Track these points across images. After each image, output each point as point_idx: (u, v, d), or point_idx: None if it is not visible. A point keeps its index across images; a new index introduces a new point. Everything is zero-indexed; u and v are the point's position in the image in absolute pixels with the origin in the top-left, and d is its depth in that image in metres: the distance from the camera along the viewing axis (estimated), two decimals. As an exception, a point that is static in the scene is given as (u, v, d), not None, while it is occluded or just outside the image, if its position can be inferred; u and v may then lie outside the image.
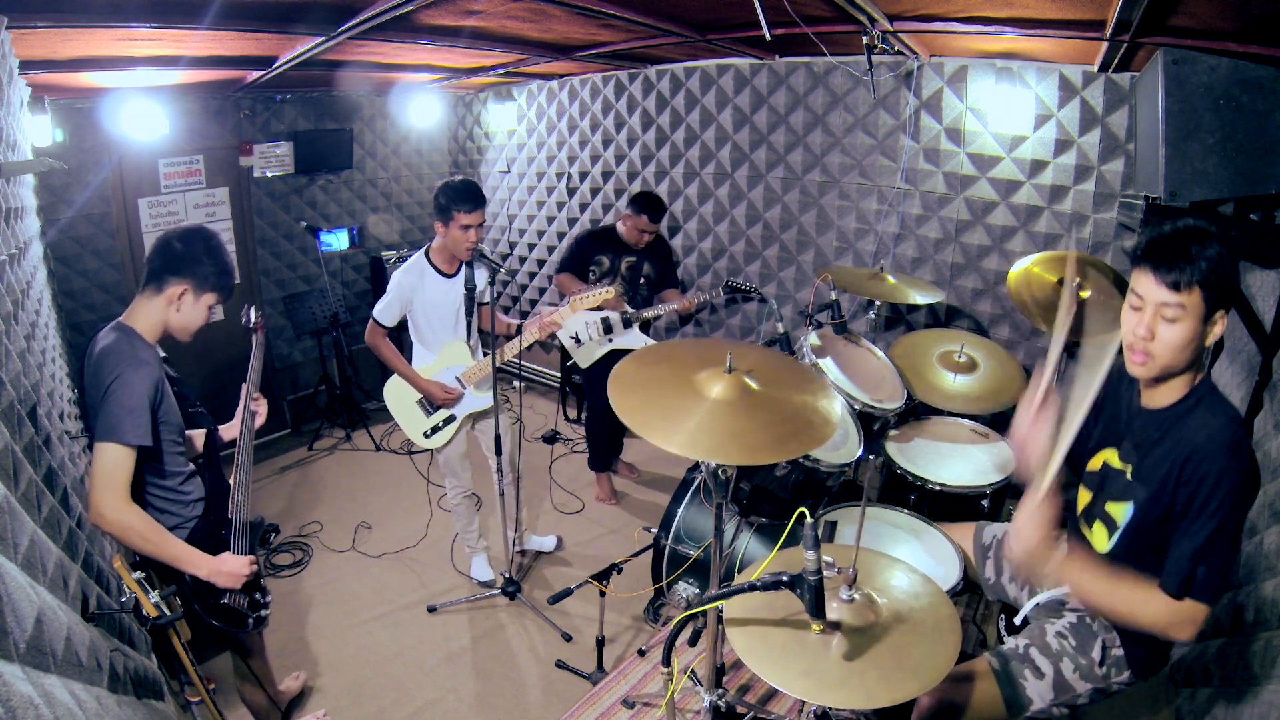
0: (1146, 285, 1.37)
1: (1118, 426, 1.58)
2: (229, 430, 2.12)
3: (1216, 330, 1.36)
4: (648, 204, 3.46)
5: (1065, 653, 1.61)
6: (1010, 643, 1.70)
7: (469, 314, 2.78)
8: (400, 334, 2.89)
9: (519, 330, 2.87)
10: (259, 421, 2.11)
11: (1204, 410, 1.41)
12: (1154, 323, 1.37)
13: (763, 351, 1.86)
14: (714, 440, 1.42)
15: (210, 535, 1.86)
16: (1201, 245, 1.31)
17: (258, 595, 1.95)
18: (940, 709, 1.62)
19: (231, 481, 1.97)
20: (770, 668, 1.30)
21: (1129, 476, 1.50)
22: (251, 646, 2.12)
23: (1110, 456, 1.57)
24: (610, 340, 3.54)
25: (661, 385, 1.58)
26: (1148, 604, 1.38)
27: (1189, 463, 1.36)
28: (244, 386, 2.11)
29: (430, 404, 2.89)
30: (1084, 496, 1.64)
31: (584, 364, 3.58)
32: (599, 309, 3.30)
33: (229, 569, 1.79)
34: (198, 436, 2.02)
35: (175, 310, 1.83)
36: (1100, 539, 1.57)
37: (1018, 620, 1.82)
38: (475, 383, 2.89)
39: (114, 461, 1.63)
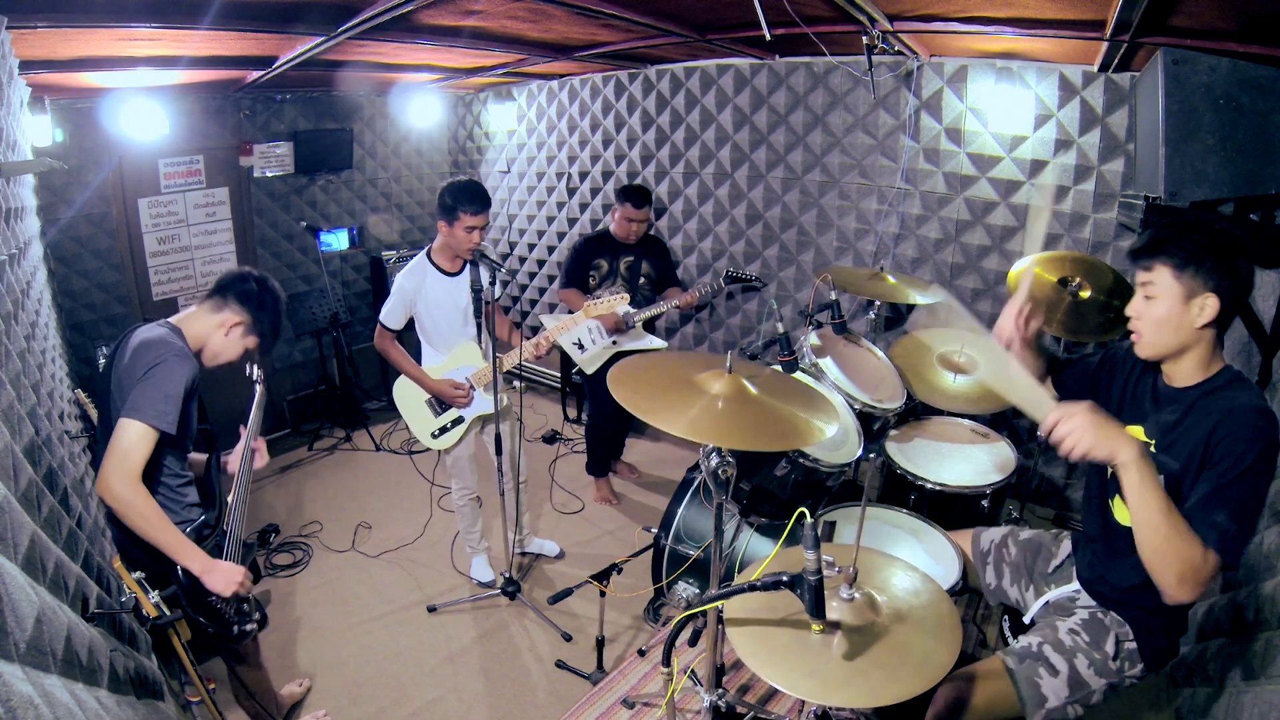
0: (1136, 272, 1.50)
1: (1142, 405, 1.61)
2: (230, 462, 2.11)
3: (1205, 313, 1.41)
4: (630, 192, 3.44)
5: (1079, 649, 1.62)
6: (1023, 641, 1.70)
7: (478, 314, 2.78)
8: (404, 333, 2.88)
9: (522, 339, 2.88)
10: (258, 463, 2.14)
11: (1232, 389, 1.45)
12: (1137, 300, 1.50)
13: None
14: (713, 428, 1.45)
15: (202, 542, 1.84)
16: (1182, 230, 1.42)
17: (245, 606, 1.94)
18: (954, 708, 1.62)
19: (229, 499, 1.97)
20: (772, 669, 1.29)
21: (1154, 449, 1.52)
22: (245, 655, 2.10)
23: (1135, 431, 1.58)
24: (615, 344, 3.53)
25: (662, 382, 1.60)
26: (1186, 544, 1.32)
27: (1220, 426, 1.39)
28: (243, 429, 2.12)
29: (439, 404, 2.89)
30: (1109, 471, 1.64)
31: (589, 370, 3.55)
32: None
33: (220, 573, 1.77)
34: (198, 462, 2.01)
35: (223, 334, 1.89)
36: (1124, 513, 1.57)
37: (1026, 620, 1.82)
38: (485, 385, 2.88)
39: (134, 439, 1.64)
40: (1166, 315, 1.44)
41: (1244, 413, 1.37)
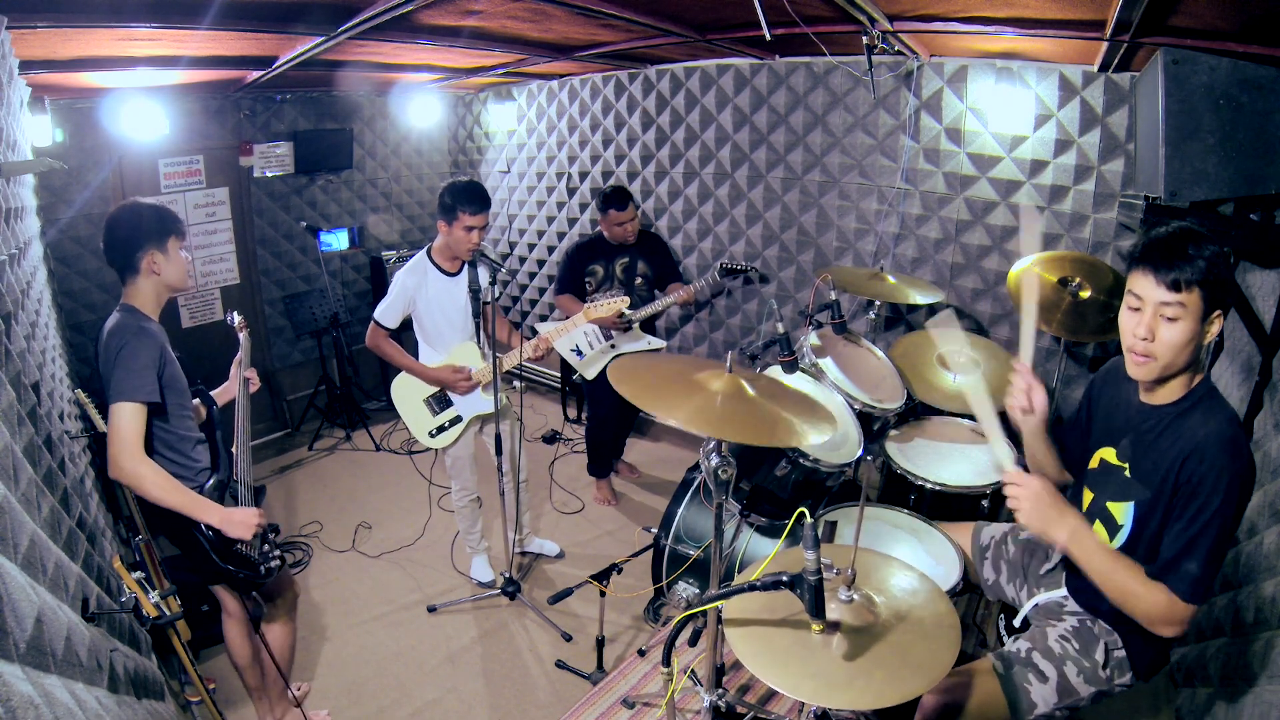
0: (1145, 286, 1.38)
1: (1115, 424, 1.59)
2: (223, 394, 2.26)
3: (1214, 330, 1.37)
4: (609, 198, 3.43)
5: (1068, 656, 1.61)
6: (1012, 645, 1.70)
7: (476, 315, 2.79)
8: (401, 334, 2.88)
9: (521, 340, 2.88)
10: (253, 387, 2.29)
11: (1204, 410, 1.41)
12: (1154, 323, 1.38)
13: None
14: (712, 419, 1.45)
15: (219, 498, 1.98)
16: (1199, 246, 1.33)
17: (266, 547, 2.07)
18: (943, 711, 1.62)
19: (234, 450, 2.10)
20: (772, 670, 1.29)
21: (1128, 474, 1.50)
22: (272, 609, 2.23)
23: (1108, 454, 1.58)
24: (613, 347, 3.52)
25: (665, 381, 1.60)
26: (1147, 593, 1.39)
27: (1189, 460, 1.36)
28: (237, 356, 2.28)
29: (437, 403, 2.88)
30: (1086, 497, 1.64)
31: (589, 375, 3.53)
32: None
33: (239, 519, 1.91)
34: (198, 408, 2.14)
35: (158, 274, 1.95)
36: (1102, 539, 1.57)
37: (1017, 621, 1.82)
38: (485, 384, 2.88)
39: (126, 418, 1.76)
40: (1189, 338, 1.36)
41: (1211, 448, 1.34)
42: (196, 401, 2.12)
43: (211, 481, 1.99)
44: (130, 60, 2.94)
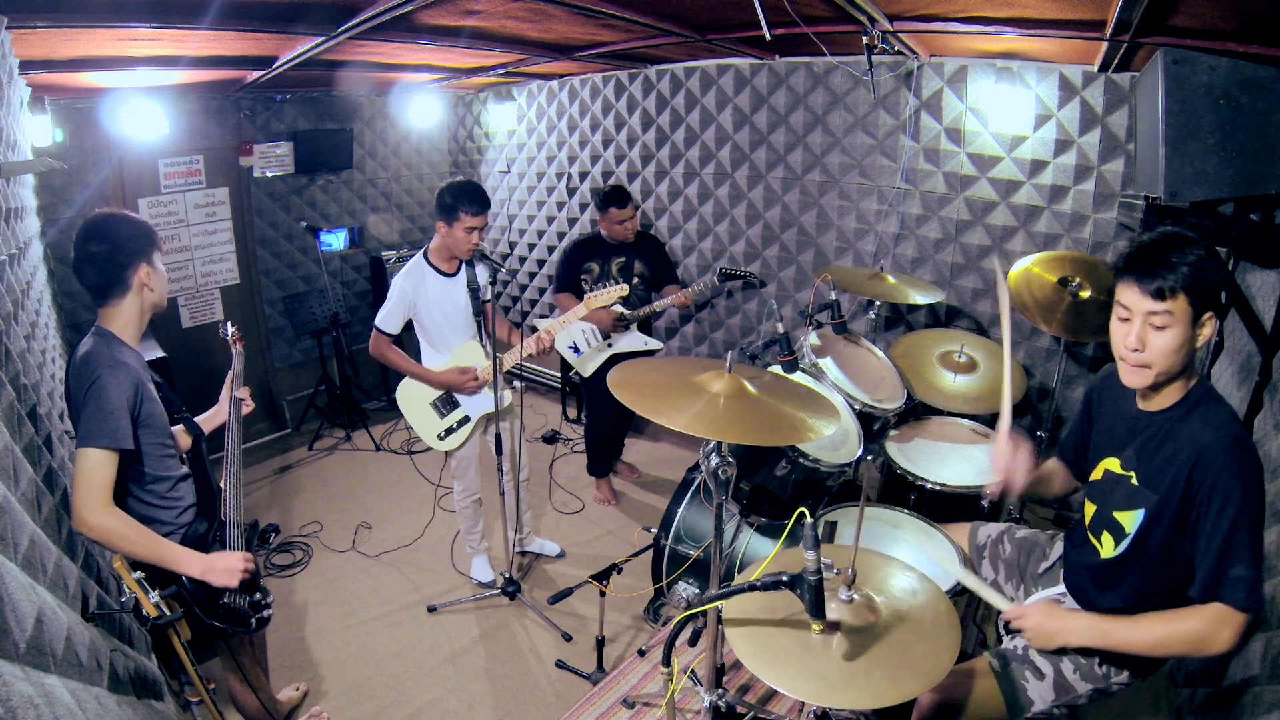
0: (1132, 296, 1.38)
1: (1116, 434, 1.58)
2: (213, 419, 2.08)
3: (1206, 332, 1.37)
4: (610, 196, 3.43)
5: (1065, 653, 1.61)
6: (1009, 643, 1.70)
7: (477, 314, 2.78)
8: (403, 336, 2.88)
9: (522, 338, 2.88)
10: (246, 409, 2.10)
11: (1203, 412, 1.41)
12: (1144, 332, 1.38)
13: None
14: (716, 423, 1.44)
15: (203, 540, 1.82)
16: (1182, 251, 1.32)
17: (258, 595, 1.92)
18: (941, 708, 1.62)
19: (221, 484, 1.93)
20: (772, 670, 1.29)
21: (1135, 482, 1.50)
22: (244, 648, 2.06)
23: (1111, 465, 1.57)
24: (610, 345, 3.52)
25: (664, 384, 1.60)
26: (1190, 621, 1.37)
27: (1197, 467, 1.35)
28: (229, 375, 2.10)
29: (444, 405, 2.88)
30: (1089, 509, 1.63)
31: (586, 373, 3.56)
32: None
33: (223, 565, 1.72)
34: (182, 435, 1.96)
35: (149, 291, 1.80)
36: (1108, 547, 1.57)
37: None
38: (486, 383, 2.88)
39: (94, 466, 1.57)
40: (1181, 343, 1.35)
41: (1218, 450, 1.33)
42: (180, 428, 1.94)
43: (196, 521, 1.83)
44: (130, 60, 2.94)
